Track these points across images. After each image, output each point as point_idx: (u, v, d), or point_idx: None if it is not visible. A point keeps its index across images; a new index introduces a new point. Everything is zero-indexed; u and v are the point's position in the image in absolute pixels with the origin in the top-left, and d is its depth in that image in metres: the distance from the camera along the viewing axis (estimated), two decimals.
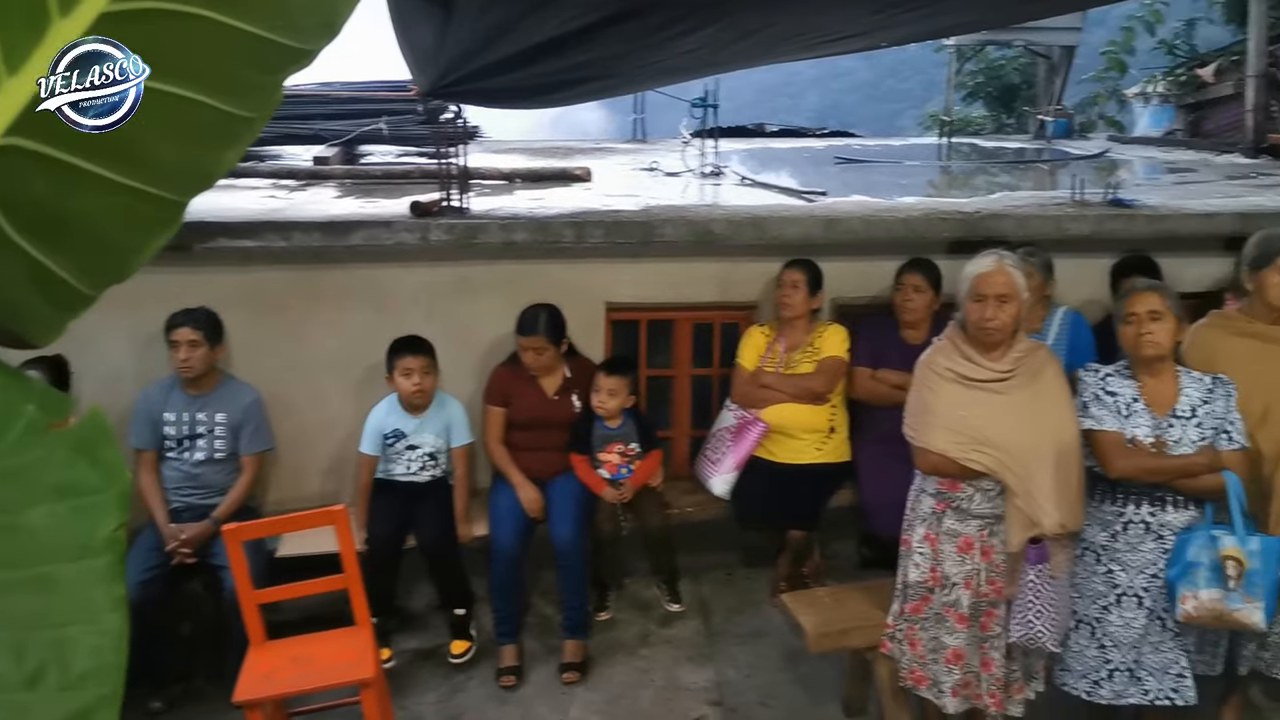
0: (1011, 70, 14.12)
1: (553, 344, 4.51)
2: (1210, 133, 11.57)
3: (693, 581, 5.13)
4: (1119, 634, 3.47)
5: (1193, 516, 3.39)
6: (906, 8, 4.29)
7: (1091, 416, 3.43)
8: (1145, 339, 3.37)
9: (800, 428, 4.77)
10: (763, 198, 5.66)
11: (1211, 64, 11.80)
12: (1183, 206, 5.44)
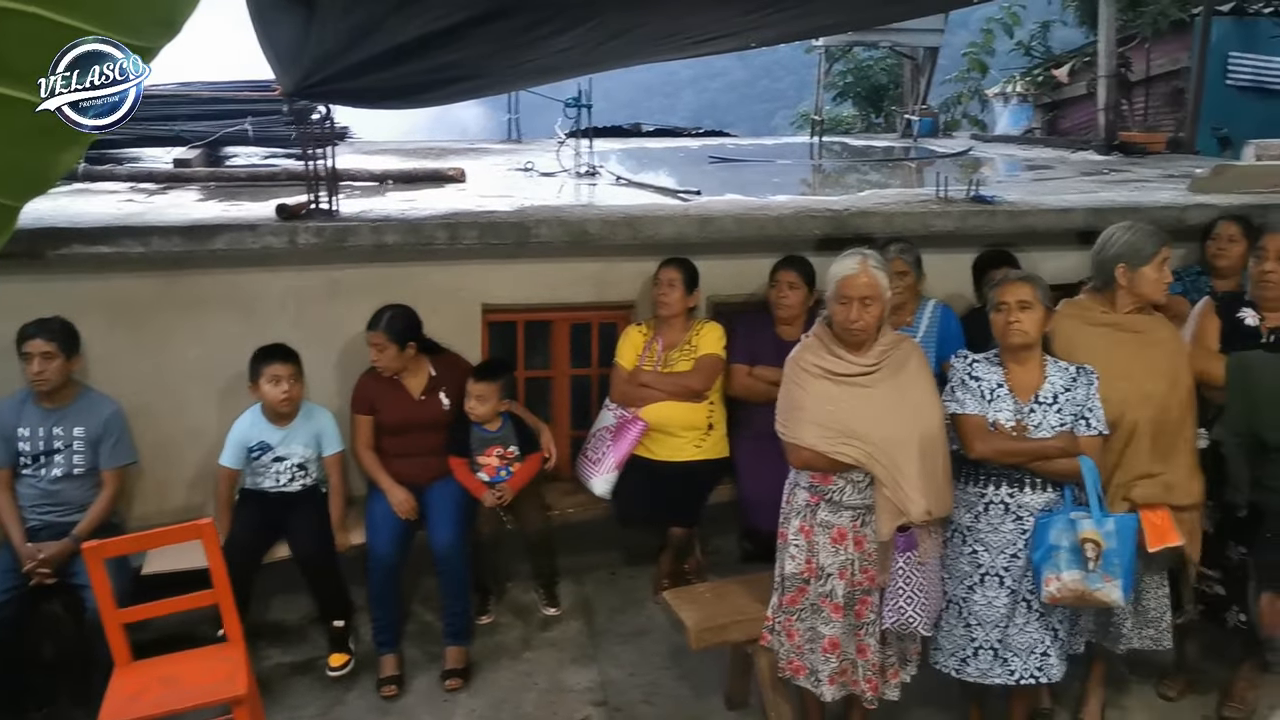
0: (879, 71, 14.48)
1: (394, 342, 4.40)
2: (1066, 131, 12.06)
3: (575, 582, 5.12)
4: (983, 613, 3.59)
5: (1050, 499, 3.52)
6: (775, 9, 4.36)
7: (956, 400, 3.55)
8: (1013, 328, 3.49)
9: (679, 425, 4.80)
10: (638, 197, 5.68)
11: (1066, 65, 12.30)
12: (1040, 202, 5.64)
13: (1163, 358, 3.72)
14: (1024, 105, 13.24)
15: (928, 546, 3.46)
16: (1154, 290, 3.75)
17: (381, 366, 4.45)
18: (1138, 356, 3.69)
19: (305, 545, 4.37)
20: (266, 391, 4.30)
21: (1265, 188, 6.17)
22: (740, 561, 5.13)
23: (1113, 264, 3.72)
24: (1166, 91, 11.64)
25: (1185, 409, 3.73)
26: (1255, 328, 3.88)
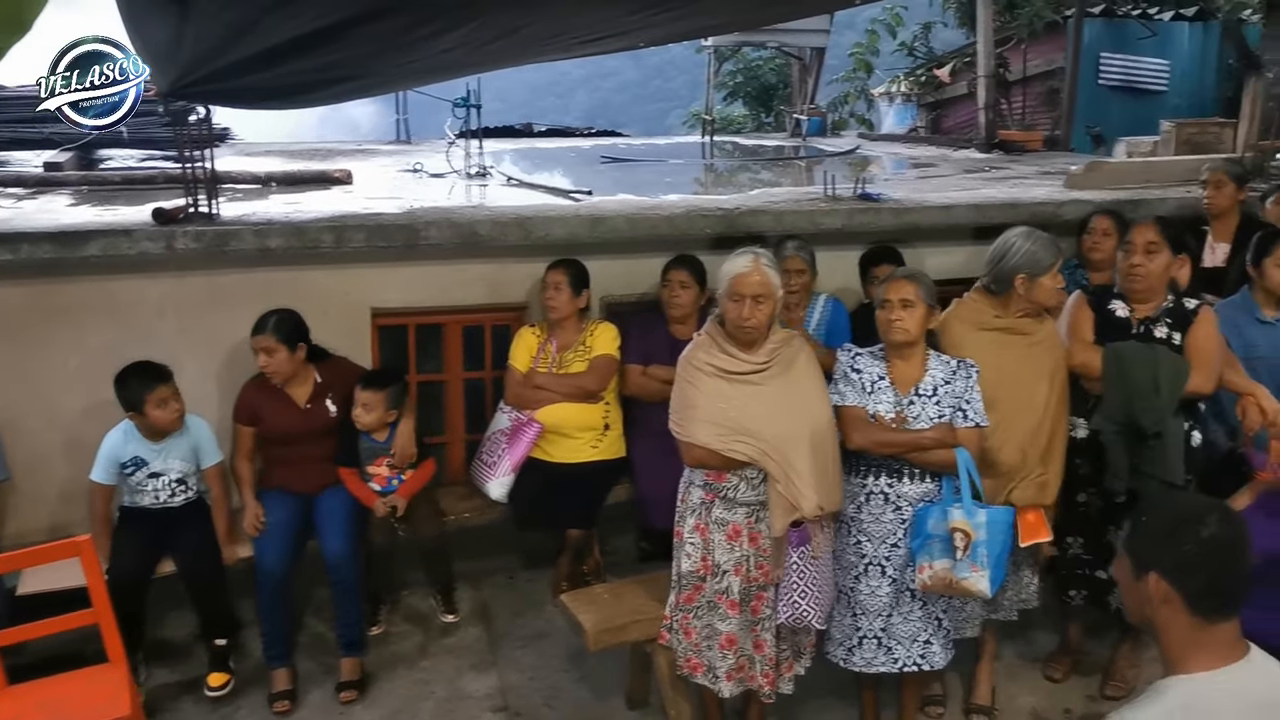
0: (768, 71, 14.67)
1: (284, 344, 4.29)
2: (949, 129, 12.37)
3: (473, 587, 5.07)
4: (867, 602, 3.67)
5: (928, 489, 3.61)
6: (659, 9, 4.38)
7: (838, 393, 3.61)
8: (895, 325, 3.56)
9: (575, 427, 4.78)
10: (529, 198, 5.65)
11: (947, 65, 12.62)
12: (924, 200, 5.77)
13: (1045, 357, 3.84)
14: (908, 105, 13.55)
15: (820, 541, 3.51)
16: (1051, 298, 3.87)
17: (272, 371, 4.32)
18: (1024, 359, 3.81)
19: (190, 561, 4.24)
20: (157, 416, 4.13)
21: (1136, 183, 6.42)
22: (638, 561, 5.15)
23: (1013, 273, 3.80)
24: (1043, 91, 12.04)
25: (1061, 407, 3.85)
26: (1126, 319, 4.02)
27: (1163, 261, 3.96)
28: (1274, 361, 4.40)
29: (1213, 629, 1.95)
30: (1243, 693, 1.92)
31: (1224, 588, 1.95)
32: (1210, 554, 1.94)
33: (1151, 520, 2.04)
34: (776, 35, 9.84)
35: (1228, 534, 1.95)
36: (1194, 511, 2.00)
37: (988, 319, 3.87)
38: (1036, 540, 3.78)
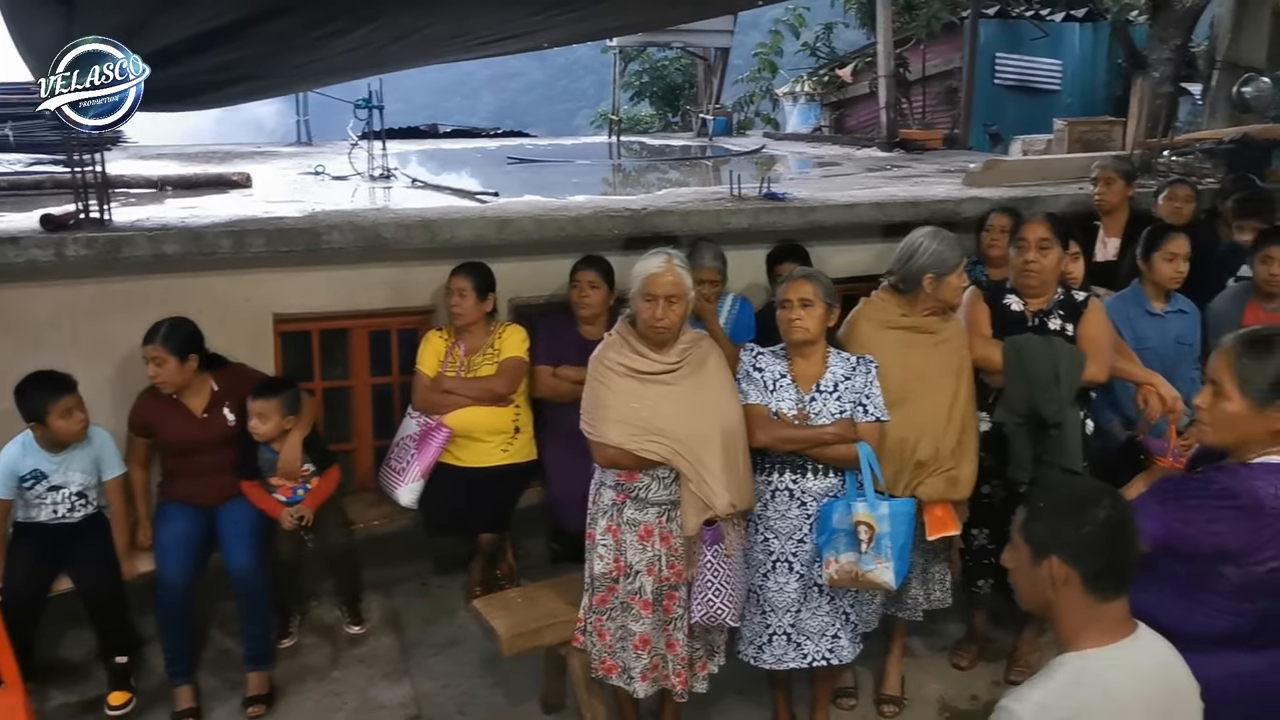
0: (674, 70, 14.74)
1: (173, 355, 4.17)
2: (852, 129, 12.58)
3: (384, 596, 5.00)
4: (775, 599, 3.70)
5: (832, 484, 3.66)
6: (560, 10, 4.36)
7: (741, 391, 3.64)
8: (795, 324, 3.60)
9: (485, 430, 4.74)
10: (435, 200, 5.60)
11: (849, 65, 12.81)
12: (828, 198, 5.85)
13: (952, 354, 3.91)
14: (812, 104, 13.75)
15: (733, 539, 3.53)
16: (957, 296, 3.95)
17: (161, 382, 4.20)
18: (932, 356, 3.87)
19: (89, 577, 4.11)
20: (61, 427, 3.99)
21: (1031, 180, 6.59)
22: (549, 562, 5.12)
23: (920, 273, 3.86)
24: (941, 90, 12.31)
25: (970, 403, 3.93)
26: (1021, 313, 4.12)
27: (1054, 257, 4.07)
28: (1164, 352, 4.55)
29: (1105, 608, 2.03)
30: (1132, 666, 2.02)
31: (1120, 567, 2.04)
32: (1108, 535, 2.03)
33: (1048, 506, 2.11)
34: (681, 35, 9.90)
35: (1120, 516, 2.04)
36: (1089, 495, 2.08)
37: (895, 318, 3.93)
38: (944, 534, 3.85)
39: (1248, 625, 2.38)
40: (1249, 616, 2.38)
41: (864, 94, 12.46)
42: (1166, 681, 2.07)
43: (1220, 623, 2.37)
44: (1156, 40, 8.21)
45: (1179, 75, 8.36)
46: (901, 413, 3.73)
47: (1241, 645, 2.39)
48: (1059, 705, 1.97)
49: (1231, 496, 2.35)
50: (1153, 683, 2.04)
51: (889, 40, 9.88)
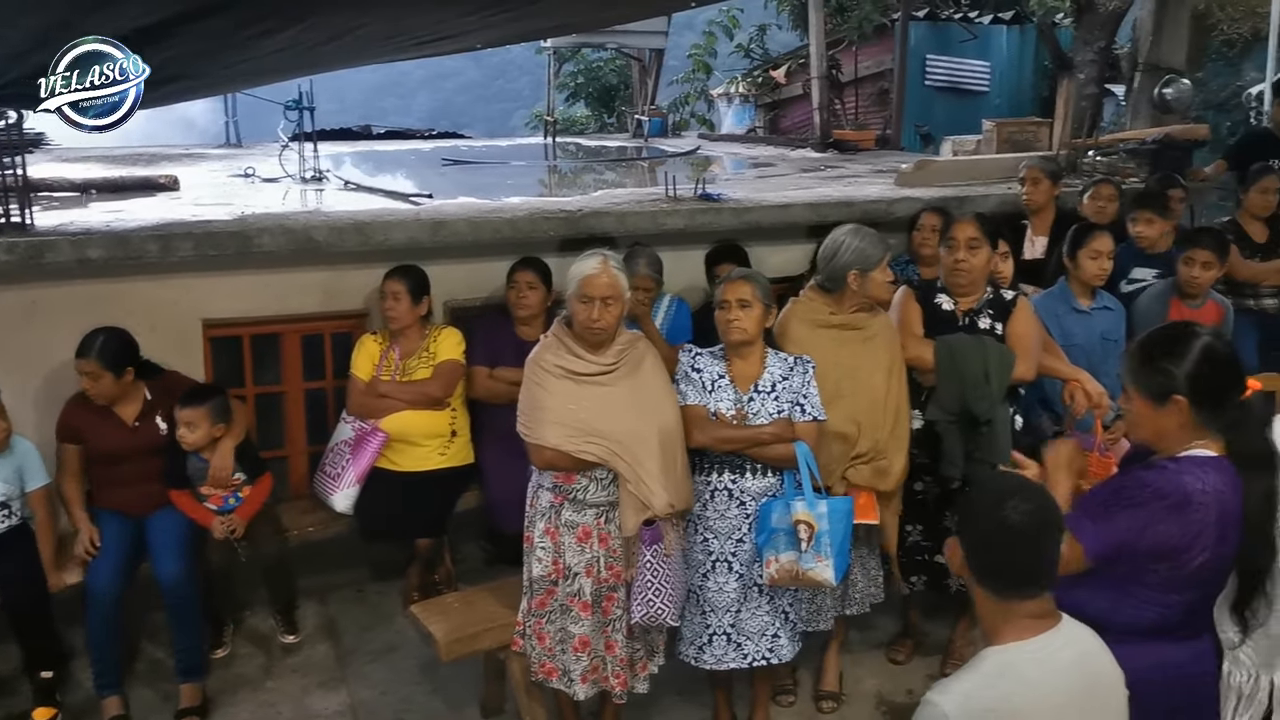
0: (609, 72, 14.74)
1: (109, 370, 4.08)
2: (786, 129, 12.66)
3: (319, 603, 4.94)
4: (715, 599, 3.71)
5: (771, 483, 3.68)
6: (494, 10, 4.34)
7: (679, 393, 3.66)
8: (733, 325, 3.62)
9: (421, 434, 4.70)
10: (368, 202, 5.53)
11: (782, 67, 12.90)
12: (763, 199, 5.88)
13: (882, 351, 3.96)
14: (747, 105, 13.82)
15: (672, 538, 3.54)
16: (882, 291, 3.99)
17: (95, 395, 4.12)
18: (863, 353, 3.92)
19: (13, 590, 4.01)
20: None
21: (961, 180, 6.70)
22: (485, 565, 5.10)
23: (845, 270, 3.90)
24: (874, 92, 12.44)
25: (903, 398, 3.98)
26: (952, 312, 4.18)
27: (984, 256, 4.13)
28: (1090, 349, 4.65)
29: (1016, 605, 2.08)
30: (1052, 659, 2.06)
31: (1008, 570, 2.08)
32: (998, 537, 2.06)
33: (964, 502, 2.16)
34: (615, 37, 9.90)
35: (1024, 520, 2.05)
36: (998, 495, 2.11)
37: (824, 316, 3.97)
38: (864, 521, 3.87)
39: (1174, 617, 2.44)
40: (1175, 608, 2.43)
41: (798, 95, 12.55)
42: (1088, 673, 2.12)
43: (1147, 614, 2.42)
44: (1081, 43, 8.40)
45: (1103, 77, 8.55)
46: (837, 409, 3.76)
47: (1167, 636, 2.44)
48: (980, 697, 2.01)
49: (1163, 496, 2.38)
50: (1073, 674, 2.09)
51: (821, 42, 9.97)
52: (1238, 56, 8.74)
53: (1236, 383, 2.46)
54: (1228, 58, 8.79)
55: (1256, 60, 8.23)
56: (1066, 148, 7.21)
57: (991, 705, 2.01)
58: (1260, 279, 5.80)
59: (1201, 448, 2.45)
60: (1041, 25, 11.61)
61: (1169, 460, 2.46)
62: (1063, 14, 11.46)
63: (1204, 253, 4.92)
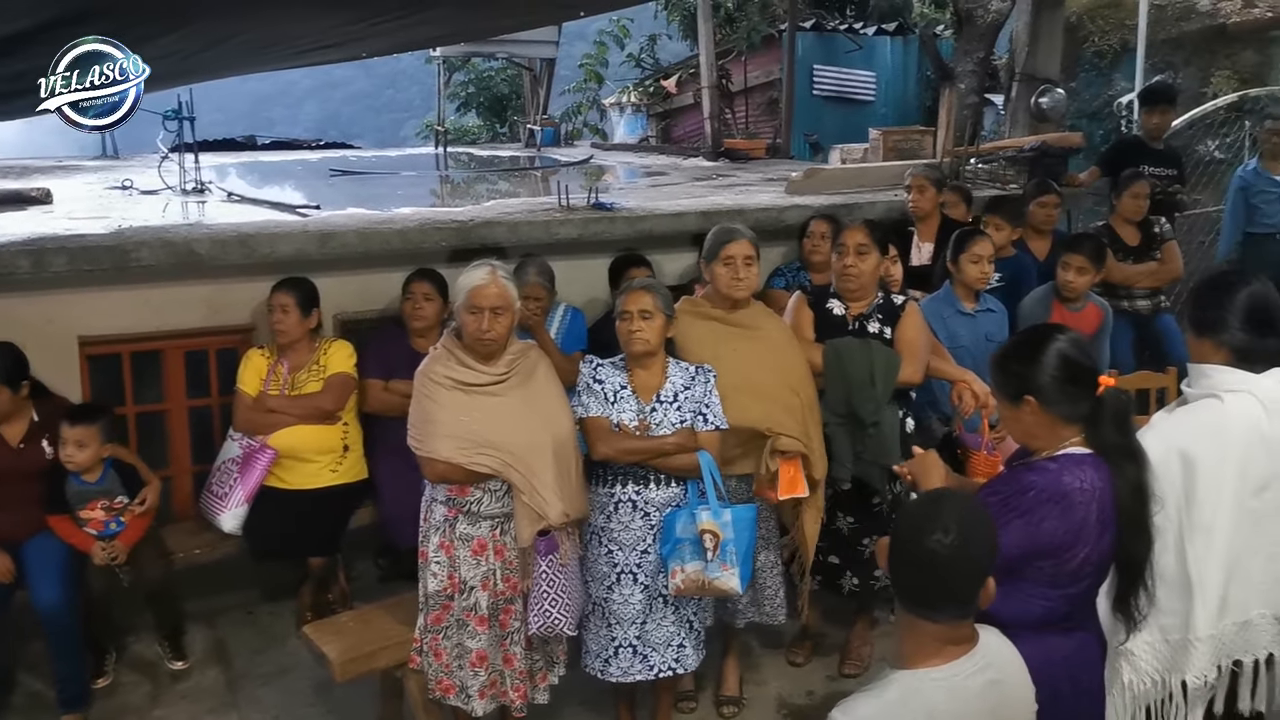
0: (500, 81, 14.68)
1: (4, 385, 3.95)
2: (678, 138, 12.76)
3: (208, 627, 4.79)
4: (621, 611, 3.70)
5: (675, 493, 3.68)
6: (381, 19, 4.28)
7: (581, 404, 3.64)
8: (635, 336, 3.61)
9: (312, 449, 4.60)
10: (252, 214, 5.40)
11: (673, 76, 13.00)
12: (656, 207, 5.91)
13: (769, 350, 3.98)
14: (639, 114, 13.90)
15: (568, 548, 3.52)
16: (722, 284, 3.97)
17: None
18: (745, 348, 3.93)
19: None
20: None
21: (849, 188, 6.82)
22: (379, 581, 5.01)
23: (701, 263, 3.97)
24: (763, 101, 12.62)
25: (802, 392, 3.98)
26: (843, 316, 4.25)
27: (873, 261, 4.21)
28: (976, 350, 4.78)
29: (933, 628, 2.10)
30: (960, 687, 2.08)
31: (931, 595, 2.09)
32: (922, 563, 2.07)
33: (895, 523, 2.19)
34: (505, 46, 9.87)
35: (946, 549, 2.05)
36: (926, 521, 2.10)
37: (706, 309, 4.02)
38: (793, 494, 3.83)
39: (1059, 609, 2.50)
40: (1060, 601, 2.49)
41: (689, 104, 12.67)
42: (996, 700, 2.14)
43: (1034, 609, 2.48)
44: (961, 54, 8.63)
45: (983, 87, 8.80)
46: (738, 404, 3.78)
47: (1053, 628, 2.50)
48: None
49: (1046, 497, 2.44)
50: (980, 703, 2.11)
51: (711, 52, 10.08)
52: (1108, 67, 9.07)
53: (1088, 381, 2.54)
54: (1099, 68, 9.12)
55: (1126, 71, 8.56)
56: (949, 155, 7.40)
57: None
58: (1133, 281, 6.03)
59: (1075, 445, 2.53)
60: (923, 36, 11.91)
61: (1049, 460, 2.52)
62: (943, 26, 11.79)
63: (1079, 258, 5.11)
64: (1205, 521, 2.65)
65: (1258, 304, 2.81)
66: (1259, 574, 2.70)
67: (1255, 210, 7.23)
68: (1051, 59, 7.79)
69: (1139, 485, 2.49)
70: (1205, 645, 2.67)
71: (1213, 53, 8.53)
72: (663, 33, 14.38)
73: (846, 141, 8.92)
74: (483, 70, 14.78)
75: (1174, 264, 6.12)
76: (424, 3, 4.33)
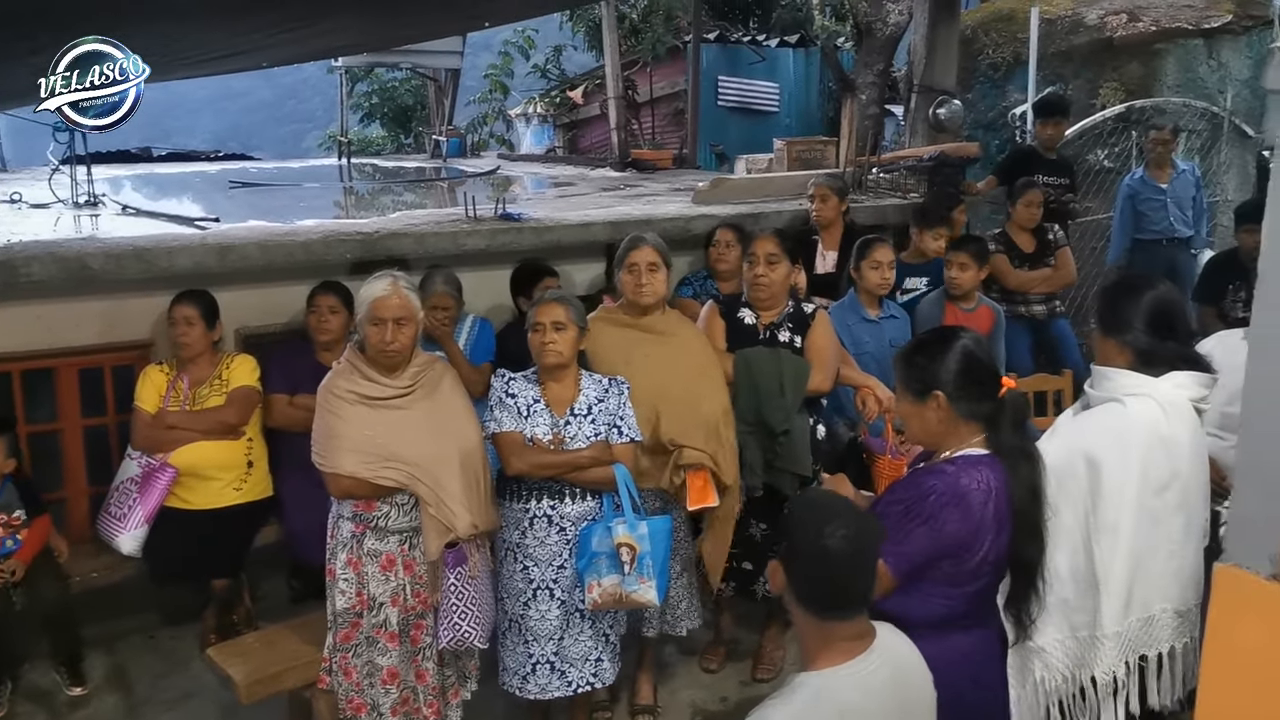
0: (404, 92, 14.55)
1: None
2: (585, 149, 12.78)
3: (107, 652, 4.64)
4: (538, 627, 3.67)
5: (590, 507, 3.67)
6: (280, 29, 4.21)
7: (494, 419, 3.61)
8: (548, 348, 3.59)
9: (215, 467, 4.49)
10: (149, 227, 5.27)
11: (579, 87, 13.02)
12: (564, 218, 5.91)
13: (682, 354, 4.01)
14: (545, 125, 13.89)
15: (477, 560, 3.50)
16: (628, 290, 4.02)
17: None
18: (657, 354, 3.95)
19: None
20: None
21: (755, 198, 6.89)
22: (291, 603, 4.90)
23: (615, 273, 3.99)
24: (669, 112, 12.70)
25: (715, 398, 4.01)
26: (754, 325, 4.29)
27: (783, 270, 4.26)
28: (880, 356, 4.86)
29: (835, 627, 2.14)
30: (864, 683, 2.12)
31: (828, 593, 2.14)
32: (819, 561, 2.11)
33: (786, 525, 2.21)
34: (409, 56, 9.79)
35: (843, 544, 2.10)
36: (819, 519, 2.14)
37: (619, 316, 4.04)
38: (703, 505, 3.86)
39: (959, 608, 2.56)
40: (960, 600, 2.55)
41: (595, 115, 12.69)
42: (902, 689, 2.20)
43: (935, 608, 2.53)
44: (862, 65, 8.77)
45: (883, 98, 8.96)
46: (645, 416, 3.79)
47: (954, 626, 2.56)
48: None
49: (947, 500, 2.49)
50: (888, 693, 2.16)
51: (616, 63, 10.12)
52: (1002, 79, 9.30)
53: (991, 381, 2.62)
54: (994, 80, 9.35)
55: (1019, 82, 8.78)
56: (852, 165, 7.53)
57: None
58: (1029, 287, 6.19)
59: (974, 446, 2.59)
60: (825, 49, 12.10)
61: (946, 463, 2.58)
62: (844, 38, 11.99)
63: (962, 255, 5.29)
64: (1110, 522, 2.71)
65: (1162, 308, 2.91)
66: (1159, 571, 2.78)
67: (1142, 217, 7.50)
68: (948, 71, 7.97)
69: (1034, 487, 2.56)
70: (1112, 641, 2.75)
71: (1100, 65, 8.80)
72: (568, 43, 14.39)
73: (751, 152, 9.02)
74: (386, 81, 14.63)
75: (1068, 270, 6.31)
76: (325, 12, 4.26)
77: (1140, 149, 8.28)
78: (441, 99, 10.83)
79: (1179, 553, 2.79)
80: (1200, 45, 8.79)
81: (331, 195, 7.96)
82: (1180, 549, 2.79)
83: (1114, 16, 8.85)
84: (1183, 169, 7.56)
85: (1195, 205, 7.56)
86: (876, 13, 8.34)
